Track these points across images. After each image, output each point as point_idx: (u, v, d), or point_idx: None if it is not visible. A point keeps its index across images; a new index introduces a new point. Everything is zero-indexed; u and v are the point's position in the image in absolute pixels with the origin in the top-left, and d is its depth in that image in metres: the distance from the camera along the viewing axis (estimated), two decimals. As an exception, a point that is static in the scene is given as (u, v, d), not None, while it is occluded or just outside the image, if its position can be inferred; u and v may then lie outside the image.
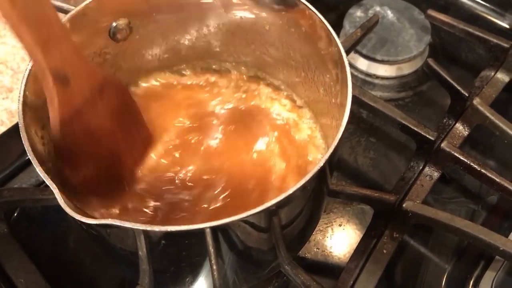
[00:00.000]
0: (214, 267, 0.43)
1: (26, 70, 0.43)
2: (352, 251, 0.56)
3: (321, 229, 0.60)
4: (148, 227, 0.35)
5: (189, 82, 0.59)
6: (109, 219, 0.34)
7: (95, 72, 0.45)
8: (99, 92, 0.45)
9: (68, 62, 0.41)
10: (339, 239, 0.60)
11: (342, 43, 0.65)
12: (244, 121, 0.56)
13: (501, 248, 0.49)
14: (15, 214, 0.59)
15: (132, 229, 0.36)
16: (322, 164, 0.38)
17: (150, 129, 0.53)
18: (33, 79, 0.43)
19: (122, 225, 0.34)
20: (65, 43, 0.40)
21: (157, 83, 0.58)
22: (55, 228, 0.59)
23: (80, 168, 0.46)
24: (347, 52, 0.68)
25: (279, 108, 0.57)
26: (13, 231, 0.57)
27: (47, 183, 0.36)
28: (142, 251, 0.40)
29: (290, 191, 0.37)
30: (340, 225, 0.61)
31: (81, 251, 0.57)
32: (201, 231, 0.37)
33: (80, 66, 0.42)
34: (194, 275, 0.46)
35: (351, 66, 0.75)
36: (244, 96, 0.58)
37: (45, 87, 0.41)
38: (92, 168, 0.47)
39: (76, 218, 0.34)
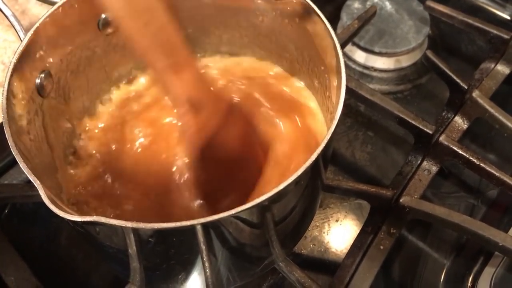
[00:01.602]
0: (207, 264, 0.43)
1: (11, 63, 0.42)
2: (349, 247, 0.55)
3: (317, 224, 0.60)
4: (135, 225, 0.34)
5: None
6: (95, 216, 0.33)
7: (222, 97, 0.44)
8: (226, 118, 0.43)
9: (198, 88, 0.40)
10: (336, 234, 0.59)
11: (339, 35, 0.65)
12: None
13: (500, 244, 0.48)
14: (6, 211, 0.59)
15: (121, 227, 0.35)
16: (314, 159, 0.37)
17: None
18: (19, 72, 0.42)
19: (107, 222, 0.33)
20: (193, 67, 0.40)
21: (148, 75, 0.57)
22: (46, 225, 0.58)
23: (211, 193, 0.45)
24: (344, 44, 0.67)
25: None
26: (3, 228, 0.56)
27: (31, 179, 0.35)
28: (132, 248, 0.40)
29: (281, 186, 0.36)
30: (337, 221, 0.60)
31: (73, 248, 0.57)
32: (192, 228, 0.36)
33: (209, 91, 0.42)
34: (187, 272, 0.45)
35: (349, 58, 0.74)
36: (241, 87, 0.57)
37: (178, 115, 0.40)
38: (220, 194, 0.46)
39: (61, 215, 0.33)
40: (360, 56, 0.74)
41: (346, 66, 0.42)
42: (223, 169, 0.45)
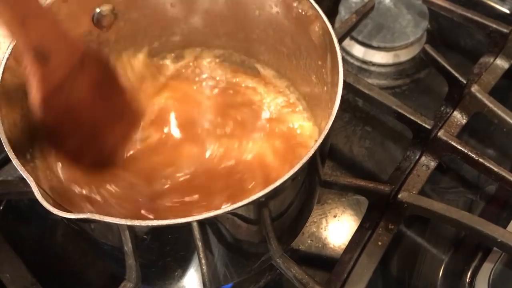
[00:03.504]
0: (203, 261, 0.43)
1: (3, 58, 0.41)
2: (347, 243, 0.55)
3: (315, 220, 0.59)
4: (129, 222, 0.34)
5: (175, 70, 0.57)
6: (89, 213, 0.33)
7: (75, 45, 0.44)
8: (80, 66, 0.44)
9: (47, 37, 0.40)
10: (334, 230, 0.59)
11: (337, 29, 0.65)
12: (235, 112, 0.54)
13: (499, 240, 0.48)
14: (1, 207, 0.58)
15: (115, 224, 0.34)
16: (311, 154, 0.37)
17: (136, 105, 0.51)
18: (10, 68, 0.41)
19: (101, 219, 0.33)
20: (43, 18, 0.40)
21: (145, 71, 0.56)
22: (42, 221, 0.58)
23: (64, 143, 0.46)
24: (342, 38, 0.67)
25: (269, 96, 0.56)
26: (-2, 224, 0.56)
27: (24, 176, 0.35)
28: (127, 246, 0.39)
29: (278, 182, 0.36)
30: (334, 216, 0.60)
31: (69, 245, 0.57)
32: (188, 225, 0.36)
33: (60, 40, 0.42)
34: (183, 269, 0.45)
35: (347, 53, 0.74)
36: (232, 83, 0.56)
37: (25, 64, 0.40)
38: (76, 142, 0.46)
39: (54, 212, 0.33)
40: (358, 50, 0.73)
41: (344, 60, 0.42)
42: (74, 117, 0.46)
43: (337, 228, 0.59)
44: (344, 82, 0.41)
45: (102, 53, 0.50)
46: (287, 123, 0.54)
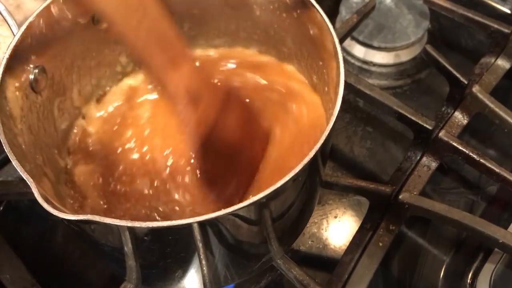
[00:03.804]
0: (204, 262, 0.42)
1: (3, 58, 0.41)
2: (348, 244, 0.55)
3: (315, 221, 0.59)
4: (130, 223, 0.34)
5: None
6: (88, 215, 0.33)
7: (219, 85, 0.45)
8: (225, 106, 0.44)
9: (195, 79, 0.40)
10: (335, 231, 0.59)
11: (337, 29, 0.65)
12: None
13: (500, 241, 0.48)
14: (1, 208, 0.58)
15: (116, 226, 0.34)
16: (312, 155, 0.36)
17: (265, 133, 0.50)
18: (12, 68, 0.41)
19: (101, 221, 0.33)
20: (189, 61, 0.40)
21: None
22: (42, 222, 0.58)
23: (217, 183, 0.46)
24: (343, 39, 0.67)
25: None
26: (-2, 225, 0.56)
27: (24, 177, 0.35)
28: (128, 247, 0.39)
29: (279, 183, 0.36)
30: (335, 217, 0.60)
31: (69, 245, 0.57)
32: (188, 226, 0.36)
33: (205, 81, 0.42)
34: (184, 270, 0.45)
35: (347, 53, 0.74)
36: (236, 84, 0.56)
37: (178, 109, 0.40)
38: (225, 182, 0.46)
39: (54, 213, 0.33)
40: (359, 50, 0.73)
41: (345, 61, 0.42)
42: (226, 158, 0.45)
43: (338, 229, 0.59)
44: (345, 82, 0.41)
45: (242, 90, 0.49)
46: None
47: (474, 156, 0.56)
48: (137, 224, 0.34)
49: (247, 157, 0.47)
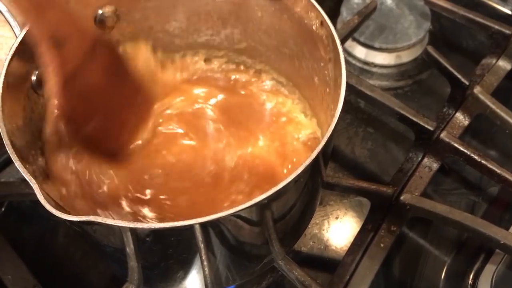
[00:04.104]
0: (205, 263, 0.42)
1: (6, 60, 0.41)
2: (349, 244, 0.55)
3: (317, 222, 0.59)
4: (131, 224, 0.34)
5: (177, 71, 0.57)
6: (91, 216, 0.33)
7: (86, 32, 0.45)
8: (91, 52, 0.44)
9: (61, 24, 0.41)
10: (336, 232, 0.59)
11: (339, 30, 0.65)
12: (237, 113, 0.54)
13: (502, 242, 0.48)
14: (3, 209, 0.58)
15: (118, 227, 0.34)
16: (314, 156, 0.36)
17: (147, 91, 0.52)
18: (14, 69, 0.41)
19: (103, 222, 0.33)
20: (57, 5, 0.41)
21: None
22: (44, 223, 0.58)
23: (77, 131, 0.47)
24: (344, 40, 0.67)
25: (272, 98, 0.55)
26: (0, 226, 0.56)
27: (26, 178, 0.35)
28: (129, 248, 0.39)
29: (281, 185, 0.36)
30: (336, 218, 0.60)
31: (71, 246, 0.57)
32: (190, 227, 0.36)
33: (72, 27, 0.42)
34: (185, 271, 0.45)
35: (349, 54, 0.74)
36: (235, 85, 0.56)
37: (41, 52, 0.41)
38: (89, 130, 0.47)
39: (56, 214, 0.33)
40: (360, 51, 0.73)
41: (346, 61, 0.42)
42: (91, 101, 0.46)
43: (339, 230, 0.59)
44: (346, 83, 0.41)
45: (112, 40, 0.50)
46: (289, 124, 0.54)
47: (475, 157, 0.56)
48: (139, 225, 0.34)
49: (115, 103, 0.49)
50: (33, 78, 0.44)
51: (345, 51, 0.73)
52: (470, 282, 0.54)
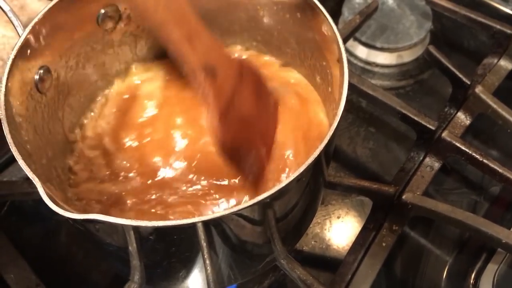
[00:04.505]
0: (207, 261, 0.42)
1: (9, 59, 0.41)
2: (351, 244, 0.55)
3: (319, 221, 0.59)
4: (134, 222, 0.34)
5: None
6: (94, 214, 0.33)
7: (233, 58, 0.45)
8: (240, 78, 0.45)
9: (211, 53, 0.42)
10: (338, 231, 0.59)
11: (340, 30, 0.65)
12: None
13: (504, 241, 0.48)
14: (5, 208, 0.58)
15: (120, 224, 0.34)
16: (316, 155, 0.37)
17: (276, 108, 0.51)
18: (17, 68, 0.41)
19: (106, 220, 0.33)
20: (204, 35, 0.42)
21: (151, 73, 0.56)
22: (46, 222, 0.58)
23: (237, 156, 0.46)
24: (346, 39, 0.67)
25: None
26: (2, 225, 0.56)
27: (30, 177, 0.35)
28: (132, 246, 0.39)
29: (283, 184, 0.36)
30: (338, 217, 0.60)
31: (73, 245, 0.57)
32: (193, 226, 0.36)
33: (221, 55, 0.43)
34: (188, 270, 0.45)
35: (350, 53, 0.74)
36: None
37: (197, 84, 0.41)
38: (246, 153, 0.47)
39: (59, 212, 0.33)
40: (361, 51, 0.73)
41: (348, 61, 0.42)
42: (244, 130, 0.46)
43: (341, 229, 0.59)
44: (348, 83, 0.41)
45: (253, 64, 0.50)
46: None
47: (477, 156, 0.56)
48: (141, 223, 0.34)
49: (262, 129, 0.49)
50: (36, 77, 0.44)
51: (347, 50, 0.73)
52: (472, 281, 0.54)
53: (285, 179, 0.43)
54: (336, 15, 0.75)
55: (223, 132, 0.43)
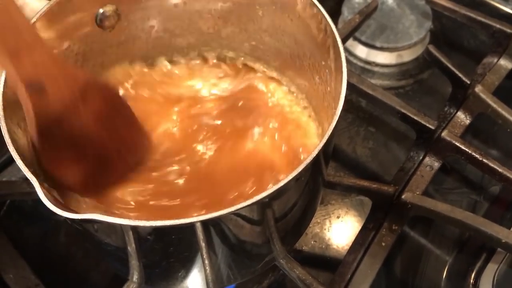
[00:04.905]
0: (206, 261, 0.42)
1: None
2: (350, 243, 0.55)
3: (318, 221, 0.59)
4: (133, 222, 0.34)
5: (179, 71, 0.57)
6: (93, 213, 0.33)
7: (75, 76, 0.42)
8: (81, 96, 0.42)
9: (42, 70, 0.39)
10: (337, 231, 0.59)
11: (340, 29, 0.65)
12: (238, 111, 0.54)
13: (504, 241, 0.48)
14: (4, 208, 0.58)
15: (119, 225, 0.34)
16: (315, 155, 0.36)
17: (145, 131, 0.50)
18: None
19: (104, 220, 0.33)
20: (38, 50, 0.39)
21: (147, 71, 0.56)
22: (45, 222, 0.58)
23: (64, 170, 0.44)
24: (345, 39, 0.67)
25: (273, 97, 0.55)
26: (2, 225, 0.56)
27: (28, 177, 0.35)
28: (131, 246, 0.39)
29: (282, 183, 0.36)
30: (338, 217, 0.60)
31: (72, 245, 0.57)
32: (192, 226, 0.36)
33: (57, 72, 0.40)
34: (187, 270, 0.45)
35: (350, 53, 0.74)
36: (236, 84, 0.56)
37: (19, 97, 0.39)
38: (78, 170, 0.45)
39: (58, 212, 0.33)
40: (361, 51, 0.73)
41: (347, 61, 0.42)
42: (75, 150, 0.45)
43: (340, 229, 0.59)
44: (348, 82, 0.41)
45: (108, 82, 0.49)
46: (290, 123, 0.54)
47: (476, 156, 0.56)
48: (140, 223, 0.34)
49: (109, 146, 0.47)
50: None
51: (346, 50, 0.73)
52: (471, 281, 0.54)
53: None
54: (335, 14, 0.75)
55: (42, 143, 0.41)
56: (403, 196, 0.53)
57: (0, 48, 0.36)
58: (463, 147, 0.56)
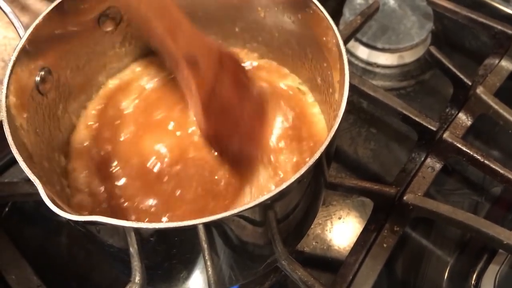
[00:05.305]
0: (208, 263, 0.42)
1: (10, 61, 0.41)
2: (352, 245, 0.55)
3: (320, 222, 0.59)
4: (135, 224, 0.34)
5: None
6: (94, 216, 0.33)
7: (213, 46, 0.45)
8: (220, 65, 0.45)
9: (193, 44, 0.42)
10: (339, 232, 0.59)
11: (341, 30, 0.65)
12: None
13: (505, 242, 0.48)
14: (6, 209, 0.59)
15: (122, 226, 0.34)
16: (318, 157, 0.37)
17: (263, 99, 0.51)
18: (19, 70, 0.41)
19: (107, 222, 0.33)
20: (185, 26, 0.42)
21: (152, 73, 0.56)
22: (47, 223, 0.58)
23: (221, 137, 0.47)
24: (347, 40, 0.67)
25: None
26: (4, 226, 0.56)
27: (31, 178, 0.35)
28: (133, 248, 0.39)
29: (284, 185, 0.36)
30: (339, 218, 0.60)
31: (74, 246, 0.57)
32: (194, 228, 0.36)
33: (202, 45, 0.43)
34: (189, 271, 0.45)
35: (351, 54, 0.74)
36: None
37: (179, 76, 0.42)
38: (228, 137, 0.47)
39: (60, 214, 0.33)
40: (363, 52, 0.73)
41: (349, 62, 0.42)
42: (227, 120, 0.47)
43: (342, 230, 0.59)
44: (349, 84, 0.41)
45: (234, 53, 0.50)
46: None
47: (478, 157, 0.56)
48: (142, 225, 0.34)
49: (247, 118, 0.48)
50: (37, 79, 0.44)
51: (348, 51, 0.73)
52: (473, 282, 0.54)
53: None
54: (337, 15, 0.75)
55: (208, 122, 0.44)
56: (404, 197, 0.53)
57: (160, 28, 0.39)
58: (464, 148, 0.56)
